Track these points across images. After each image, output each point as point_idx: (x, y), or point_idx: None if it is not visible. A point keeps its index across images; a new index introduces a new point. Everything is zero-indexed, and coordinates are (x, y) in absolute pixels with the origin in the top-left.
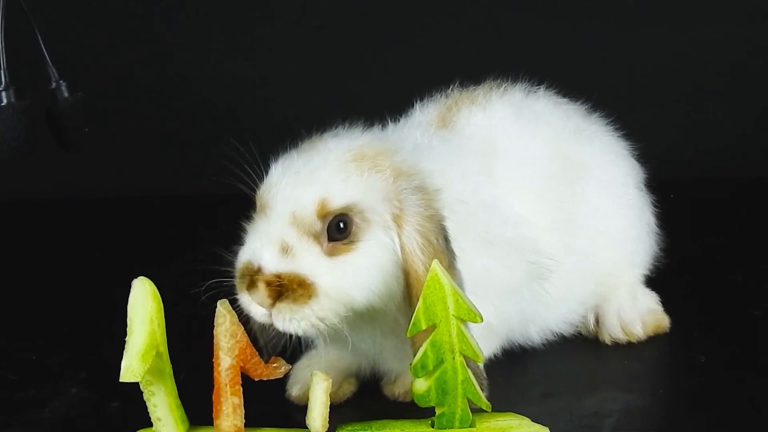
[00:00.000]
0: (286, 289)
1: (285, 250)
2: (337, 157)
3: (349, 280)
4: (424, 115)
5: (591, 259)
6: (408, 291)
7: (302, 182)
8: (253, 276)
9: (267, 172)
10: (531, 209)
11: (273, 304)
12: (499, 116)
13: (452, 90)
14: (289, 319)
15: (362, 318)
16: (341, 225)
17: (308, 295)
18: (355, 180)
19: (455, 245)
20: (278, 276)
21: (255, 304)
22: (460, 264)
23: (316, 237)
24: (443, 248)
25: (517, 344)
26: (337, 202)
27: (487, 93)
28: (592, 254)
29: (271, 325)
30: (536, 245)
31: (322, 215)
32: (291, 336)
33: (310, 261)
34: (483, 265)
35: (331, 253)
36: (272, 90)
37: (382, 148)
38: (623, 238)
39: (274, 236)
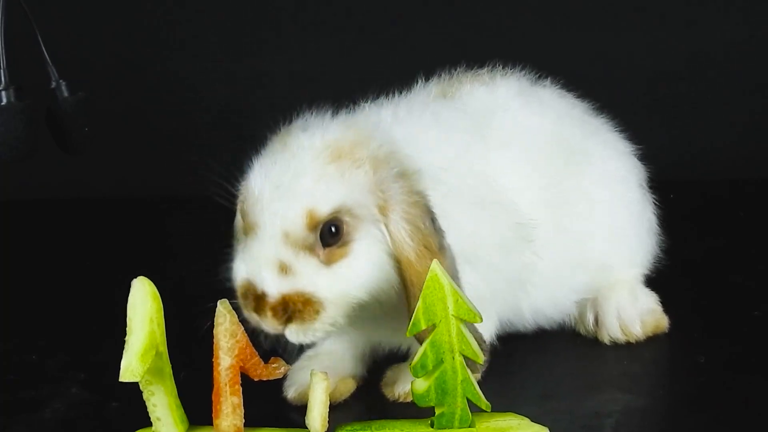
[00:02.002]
0: (293, 310)
1: (283, 269)
2: (314, 159)
3: (351, 285)
4: (425, 89)
5: (583, 246)
6: (402, 277)
7: (285, 196)
8: (258, 300)
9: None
10: (523, 180)
11: (284, 325)
12: (502, 92)
13: (457, 71)
14: (303, 335)
15: (365, 308)
16: (333, 229)
17: (315, 310)
18: (338, 182)
19: (443, 214)
20: (282, 297)
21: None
22: (451, 232)
23: (311, 249)
24: (431, 230)
25: (513, 327)
26: (324, 210)
27: (492, 74)
28: (585, 241)
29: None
30: (520, 209)
31: (313, 226)
32: None
33: (310, 275)
34: (473, 226)
35: (328, 260)
36: (273, 90)
37: (357, 138)
38: (621, 234)
39: (271, 257)
